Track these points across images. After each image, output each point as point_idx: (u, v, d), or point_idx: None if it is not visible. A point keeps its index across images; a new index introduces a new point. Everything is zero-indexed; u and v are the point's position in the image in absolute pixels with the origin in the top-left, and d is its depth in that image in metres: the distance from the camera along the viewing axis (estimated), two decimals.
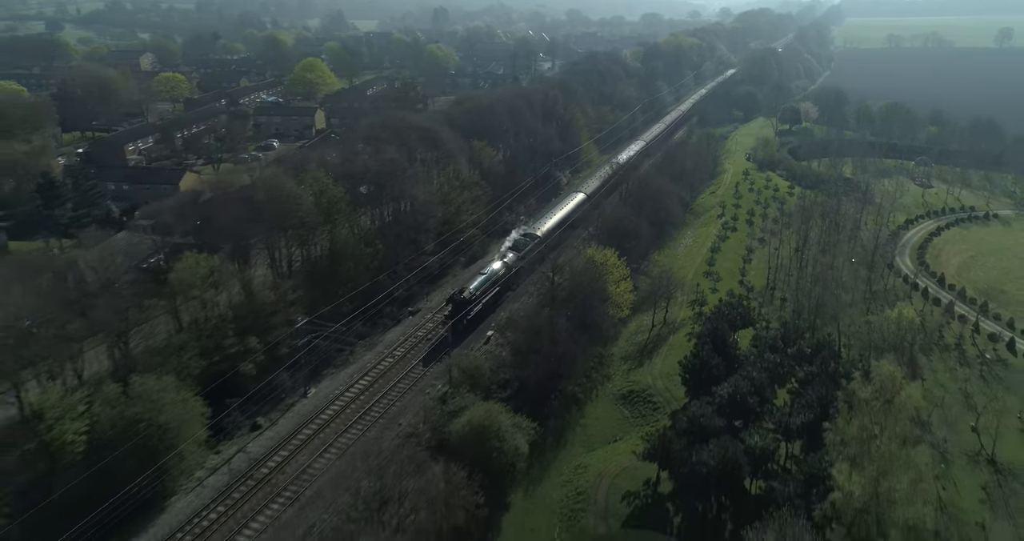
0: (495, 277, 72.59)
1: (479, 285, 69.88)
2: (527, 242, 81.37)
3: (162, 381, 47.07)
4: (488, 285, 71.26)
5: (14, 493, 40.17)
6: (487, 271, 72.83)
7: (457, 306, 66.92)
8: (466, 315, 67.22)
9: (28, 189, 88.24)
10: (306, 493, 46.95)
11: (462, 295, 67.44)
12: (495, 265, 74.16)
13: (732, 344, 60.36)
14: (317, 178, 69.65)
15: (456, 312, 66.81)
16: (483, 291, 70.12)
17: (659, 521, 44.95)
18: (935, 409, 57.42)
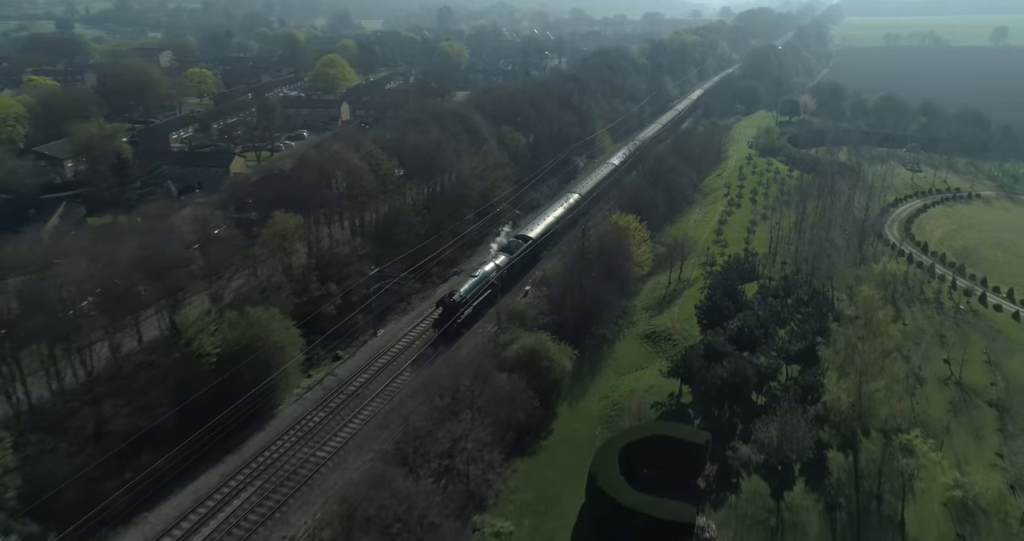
0: (486, 279, 72.36)
1: (470, 288, 69.68)
2: (520, 244, 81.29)
3: (269, 311, 57.48)
4: (480, 288, 71.08)
5: (166, 390, 50.45)
6: (478, 273, 72.57)
7: (447, 309, 66.51)
8: (457, 319, 66.91)
9: (103, 168, 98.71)
10: (392, 402, 57.39)
11: (452, 298, 66.98)
12: (486, 267, 73.81)
13: (740, 292, 70.95)
14: (373, 154, 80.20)
15: (446, 316, 66.43)
16: (474, 294, 69.93)
17: (682, 422, 55.34)
18: (913, 346, 68.02)
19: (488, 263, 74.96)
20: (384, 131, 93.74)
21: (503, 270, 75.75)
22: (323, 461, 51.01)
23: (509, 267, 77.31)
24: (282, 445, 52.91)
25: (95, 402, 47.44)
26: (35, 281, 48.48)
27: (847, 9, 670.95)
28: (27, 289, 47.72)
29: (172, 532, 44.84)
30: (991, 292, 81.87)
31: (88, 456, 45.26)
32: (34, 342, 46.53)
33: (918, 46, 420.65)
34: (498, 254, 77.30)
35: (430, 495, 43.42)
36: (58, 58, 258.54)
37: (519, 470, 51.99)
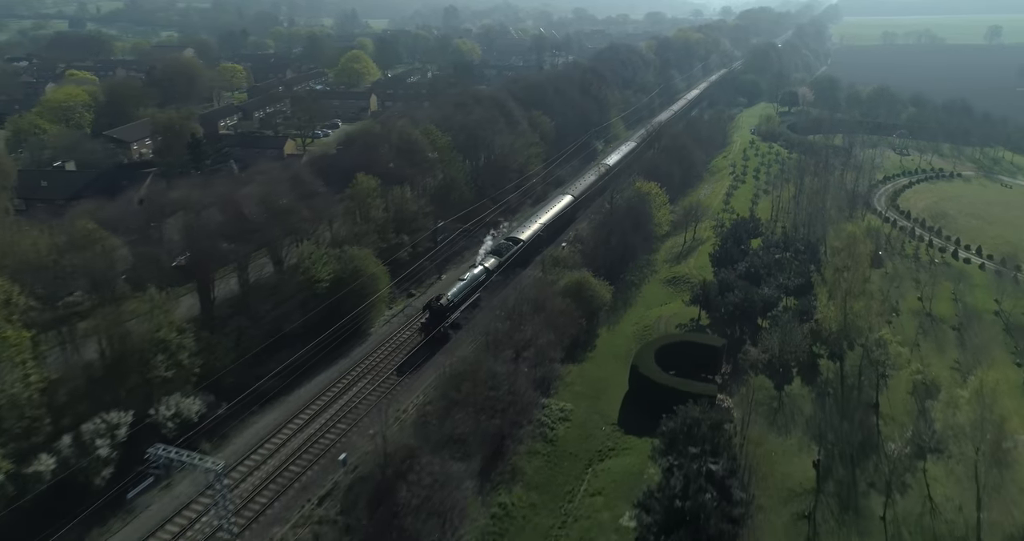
0: (475, 283, 71.65)
1: (458, 291, 69.14)
2: (510, 246, 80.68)
3: (363, 251, 71.34)
4: (468, 291, 70.63)
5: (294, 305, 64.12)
6: (467, 277, 71.99)
7: (435, 314, 65.93)
8: (444, 324, 66.72)
9: (180, 147, 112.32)
10: (471, 318, 71.04)
11: (439, 302, 66.51)
12: (475, 270, 73.13)
13: (746, 244, 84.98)
14: (430, 130, 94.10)
15: (433, 320, 65.91)
16: (462, 298, 69.50)
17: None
18: (892, 288, 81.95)
19: (477, 266, 73.94)
20: (436, 110, 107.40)
21: (493, 273, 74.70)
22: (419, 363, 64.72)
23: (499, 270, 76.31)
24: (383, 352, 66.68)
25: (246, 310, 61.24)
26: (196, 221, 62.26)
27: (845, 9, 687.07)
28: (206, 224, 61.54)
29: (310, 407, 58.51)
30: (962, 249, 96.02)
31: (242, 350, 59.02)
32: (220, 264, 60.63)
33: (914, 44, 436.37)
34: (487, 257, 76.54)
35: (512, 376, 57.08)
36: (84, 55, 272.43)
37: (572, 371, 65.89)
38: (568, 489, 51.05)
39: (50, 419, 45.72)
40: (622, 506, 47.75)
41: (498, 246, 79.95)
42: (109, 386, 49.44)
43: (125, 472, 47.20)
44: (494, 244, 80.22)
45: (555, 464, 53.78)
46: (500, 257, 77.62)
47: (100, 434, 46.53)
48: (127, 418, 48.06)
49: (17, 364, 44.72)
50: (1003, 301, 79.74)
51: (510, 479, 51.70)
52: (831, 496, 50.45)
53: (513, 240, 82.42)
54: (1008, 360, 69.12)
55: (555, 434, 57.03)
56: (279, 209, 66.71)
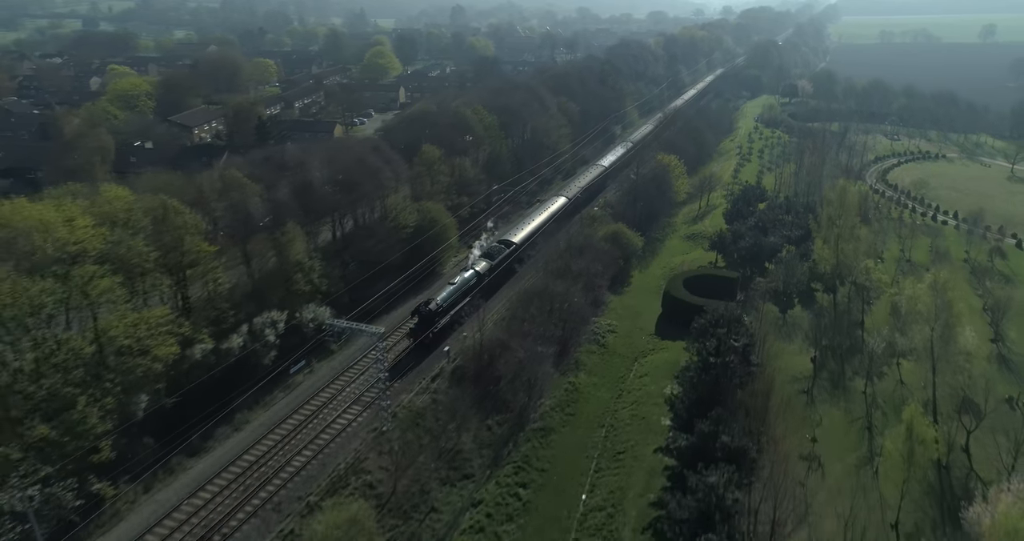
0: (466, 287, 70.52)
1: (448, 296, 68.18)
2: (502, 249, 79.87)
3: (437, 205, 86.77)
4: (458, 295, 69.64)
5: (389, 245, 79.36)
6: (457, 280, 71.06)
7: (423, 319, 64.88)
8: (433, 329, 65.75)
9: (247, 128, 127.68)
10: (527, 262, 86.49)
11: (428, 307, 65.32)
12: (466, 274, 72.16)
13: (754, 206, 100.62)
14: (479, 110, 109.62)
15: (422, 325, 64.89)
16: (452, 302, 68.48)
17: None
18: (877, 239, 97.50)
19: (468, 270, 72.70)
20: (477, 95, 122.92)
21: (484, 277, 73.96)
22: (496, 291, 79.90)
23: (491, 274, 75.79)
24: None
25: (351, 247, 76.67)
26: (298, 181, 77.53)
27: (844, 8, 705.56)
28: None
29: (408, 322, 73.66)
30: (940, 214, 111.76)
31: (352, 276, 74.24)
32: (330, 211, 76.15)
33: (910, 43, 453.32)
34: (479, 260, 75.59)
35: (570, 295, 72.49)
36: (112, 52, 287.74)
37: (613, 300, 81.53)
38: (620, 375, 66.61)
39: (232, 313, 60.99)
40: (664, 382, 63.27)
41: (490, 249, 78.62)
42: (266, 295, 64.71)
43: (284, 357, 62.39)
44: (486, 247, 78.81)
45: (608, 360, 69.36)
46: (492, 260, 76.41)
47: (266, 326, 61.80)
48: (283, 317, 63.38)
49: (209, 270, 60.01)
50: (971, 251, 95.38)
51: (575, 368, 67.22)
52: (824, 380, 65.93)
53: (506, 243, 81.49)
54: (967, 284, 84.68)
55: (606, 341, 72.62)
56: (371, 169, 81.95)
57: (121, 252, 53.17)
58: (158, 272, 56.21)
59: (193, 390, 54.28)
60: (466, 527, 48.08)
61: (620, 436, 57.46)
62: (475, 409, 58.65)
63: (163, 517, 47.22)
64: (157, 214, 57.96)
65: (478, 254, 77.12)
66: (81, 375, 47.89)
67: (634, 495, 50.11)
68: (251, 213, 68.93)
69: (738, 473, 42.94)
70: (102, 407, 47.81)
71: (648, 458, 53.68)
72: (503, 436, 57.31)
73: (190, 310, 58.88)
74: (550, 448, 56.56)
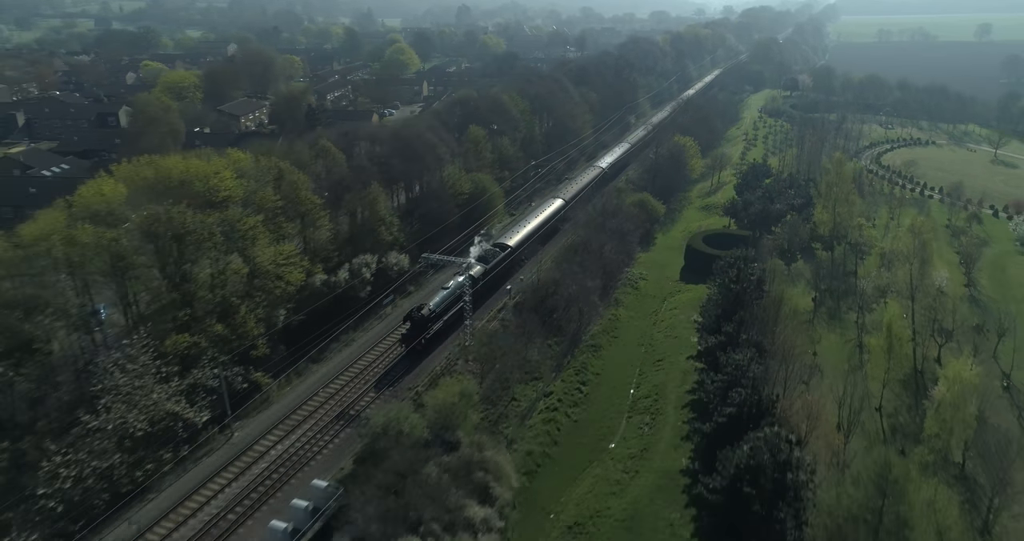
0: (459, 291, 70.02)
1: (441, 301, 68.29)
2: (497, 253, 79.79)
3: (485, 176, 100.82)
4: (451, 300, 69.57)
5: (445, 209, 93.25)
6: (450, 285, 71.17)
7: (416, 324, 64.68)
8: (425, 335, 65.86)
9: (296, 115, 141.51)
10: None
11: (420, 312, 65.21)
12: (459, 278, 71.64)
13: (761, 180, 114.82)
14: (514, 97, 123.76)
15: (414, 331, 64.68)
16: (445, 307, 68.50)
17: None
18: (870, 209, 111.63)
19: (462, 274, 71.68)
20: (507, 84, 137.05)
21: (478, 281, 73.24)
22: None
23: (485, 278, 75.20)
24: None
25: (418, 208, 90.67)
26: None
27: (843, 8, 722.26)
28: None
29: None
30: (928, 190, 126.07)
31: (419, 233, 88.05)
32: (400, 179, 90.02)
33: (908, 42, 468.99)
34: (473, 264, 74.78)
35: (608, 246, 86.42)
36: (137, 50, 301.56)
37: (641, 256, 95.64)
38: (653, 309, 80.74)
39: (336, 254, 74.87)
40: (691, 312, 77.24)
41: (485, 253, 78.48)
42: (359, 242, 78.59)
43: (375, 293, 76.12)
44: (481, 250, 78.70)
45: (642, 299, 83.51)
46: (487, 264, 76.25)
47: (363, 266, 75.66)
48: (374, 260, 77.26)
49: (318, 218, 73.82)
50: (952, 218, 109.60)
51: (615, 304, 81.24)
52: (823, 314, 79.93)
53: (501, 246, 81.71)
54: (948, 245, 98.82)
55: (638, 285, 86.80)
56: (429, 144, 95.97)
57: (257, 198, 67.11)
58: (283, 217, 70.03)
59: (313, 311, 68.17)
60: (542, 409, 61.94)
61: (658, 350, 71.50)
62: (537, 331, 72.44)
63: (305, 400, 60.97)
64: (274, 172, 71.89)
65: (473, 257, 76.07)
66: (240, 290, 61.82)
67: (673, 387, 64.08)
68: (342, 176, 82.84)
69: (757, 354, 56.88)
70: (255, 316, 61.73)
71: (682, 363, 67.65)
72: (561, 351, 71.27)
73: (308, 249, 72.71)
74: (601, 359, 70.56)
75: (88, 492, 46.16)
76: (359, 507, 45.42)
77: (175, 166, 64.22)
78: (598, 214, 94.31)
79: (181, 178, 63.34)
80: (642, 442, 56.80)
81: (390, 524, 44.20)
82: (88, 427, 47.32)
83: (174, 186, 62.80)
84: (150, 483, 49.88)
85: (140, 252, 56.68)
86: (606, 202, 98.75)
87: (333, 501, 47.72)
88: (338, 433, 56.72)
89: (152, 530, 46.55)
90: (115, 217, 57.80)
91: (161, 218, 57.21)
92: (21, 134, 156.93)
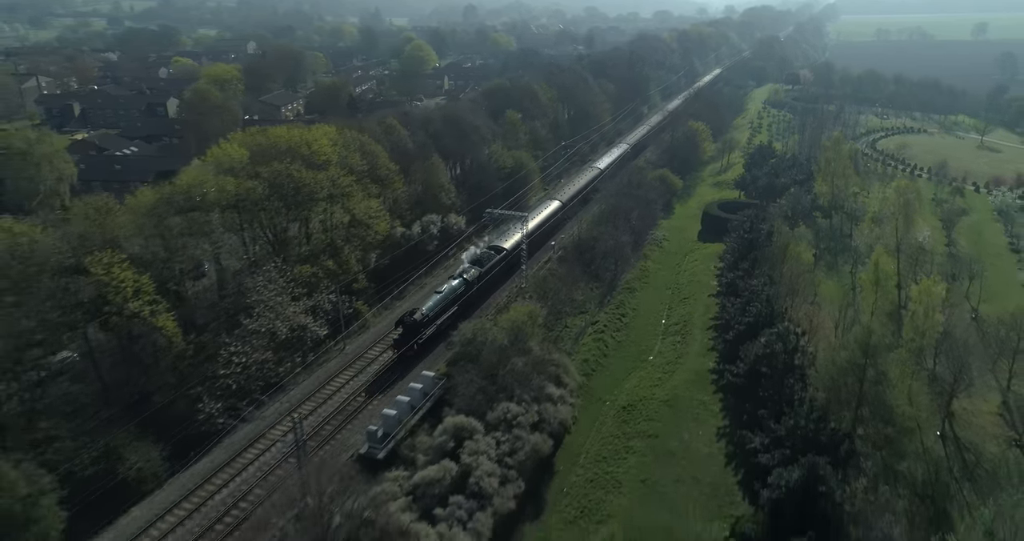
0: (453, 295, 70.36)
1: (434, 305, 67.92)
2: (492, 255, 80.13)
3: (525, 153, 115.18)
4: (445, 304, 69.43)
5: (492, 179, 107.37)
6: (444, 289, 70.75)
7: (408, 329, 64.40)
8: (418, 340, 65.27)
9: (337, 104, 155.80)
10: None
11: (413, 317, 64.95)
12: (453, 282, 72.14)
13: (767, 160, 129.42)
14: (543, 85, 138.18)
15: (406, 336, 64.38)
16: (439, 312, 68.18)
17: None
18: (864, 186, 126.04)
19: (456, 277, 72.62)
20: (533, 76, 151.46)
21: (473, 285, 74.02)
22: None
23: (480, 281, 75.79)
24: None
25: (468, 179, 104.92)
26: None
27: (843, 8, 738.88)
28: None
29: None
30: (917, 170, 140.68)
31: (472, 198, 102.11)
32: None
33: (906, 40, 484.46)
34: (468, 267, 75.57)
35: (635, 211, 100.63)
36: (159, 48, 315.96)
37: (663, 222, 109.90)
38: (677, 262, 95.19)
39: (408, 212, 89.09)
40: (710, 264, 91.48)
41: (479, 255, 78.90)
42: (424, 204, 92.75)
43: (440, 246, 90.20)
44: (476, 253, 79.25)
45: (666, 254, 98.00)
46: (481, 267, 76.53)
47: (430, 223, 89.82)
48: (438, 219, 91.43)
49: (394, 181, 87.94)
50: (938, 192, 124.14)
51: (644, 259, 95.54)
52: (823, 267, 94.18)
53: (496, 249, 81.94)
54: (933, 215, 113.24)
55: (662, 244, 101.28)
56: (474, 125, 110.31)
57: (349, 162, 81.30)
58: (368, 180, 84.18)
59: (395, 258, 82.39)
60: (591, 333, 76.17)
61: (683, 291, 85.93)
62: (580, 277, 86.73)
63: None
64: (357, 143, 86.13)
65: (468, 260, 76.81)
66: (343, 235, 75.98)
67: (698, 316, 78.43)
68: (407, 149, 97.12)
69: (769, 282, 71.12)
70: (355, 256, 75.85)
71: (705, 300, 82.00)
72: (602, 293, 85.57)
73: (387, 208, 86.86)
74: (636, 298, 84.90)
75: (250, 378, 60.21)
76: (461, 388, 59.45)
77: (282, 135, 78.41)
78: (625, 185, 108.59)
79: (287, 144, 77.54)
80: (675, 353, 71.09)
81: (487, 399, 58.18)
82: (248, 328, 61.40)
83: (283, 151, 76.99)
84: (290, 377, 63.99)
85: (269, 199, 70.84)
86: (631, 176, 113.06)
87: (438, 389, 61.82)
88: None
89: (303, 405, 60.62)
90: (244, 172, 71.97)
91: (283, 173, 71.46)
92: (78, 123, 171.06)
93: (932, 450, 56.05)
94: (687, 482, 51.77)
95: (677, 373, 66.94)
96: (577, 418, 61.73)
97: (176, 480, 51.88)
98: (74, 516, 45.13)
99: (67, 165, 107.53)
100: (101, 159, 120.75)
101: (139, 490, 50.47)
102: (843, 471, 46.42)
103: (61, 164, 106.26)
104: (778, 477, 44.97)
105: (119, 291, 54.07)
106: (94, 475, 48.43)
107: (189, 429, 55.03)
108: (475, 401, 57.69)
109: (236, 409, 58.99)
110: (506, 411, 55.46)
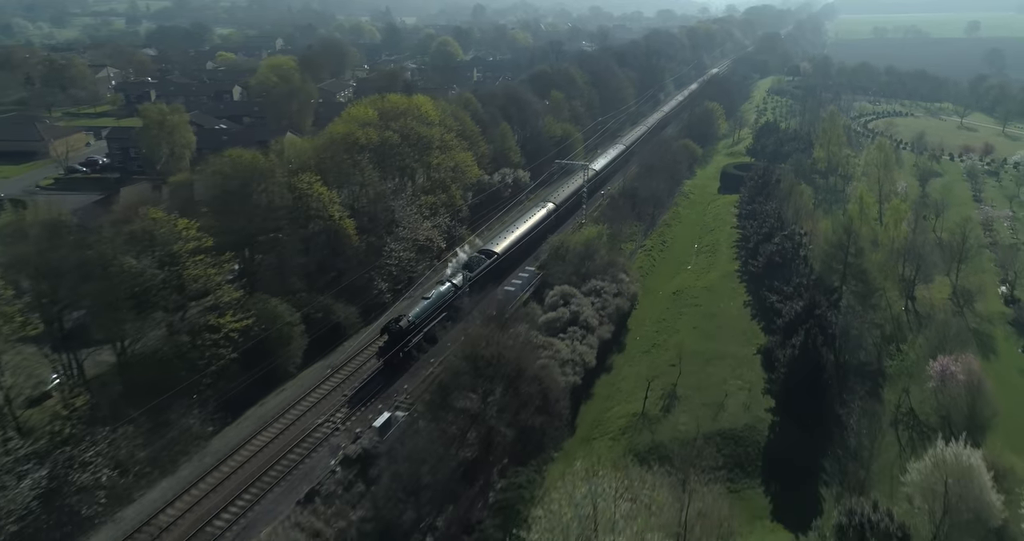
0: (441, 301, 70.18)
1: (420, 312, 67.13)
2: (482, 259, 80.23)
3: (571, 126, 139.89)
4: (432, 311, 68.65)
5: (541, 148, 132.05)
6: (432, 295, 70.21)
7: (393, 337, 63.69)
8: (403, 348, 64.44)
9: (395, 89, 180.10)
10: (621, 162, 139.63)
11: (399, 324, 64.12)
12: (442, 288, 71.79)
13: (774, 133, 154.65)
14: (577, 71, 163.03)
15: (392, 344, 63.66)
16: (426, 318, 67.40)
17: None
18: (856, 151, 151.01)
19: (444, 283, 72.14)
20: (565, 63, 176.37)
21: (462, 290, 73.76)
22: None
23: (469, 285, 75.79)
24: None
25: (527, 145, 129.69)
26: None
27: (841, 7, 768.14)
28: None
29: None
30: (902, 145, 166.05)
31: (530, 160, 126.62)
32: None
33: (902, 38, 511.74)
34: (457, 272, 75.31)
35: (666, 168, 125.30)
36: (191, 44, 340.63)
37: (687, 182, 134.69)
38: (702, 208, 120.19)
39: (489, 165, 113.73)
40: (730, 207, 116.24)
41: (469, 259, 78.94)
42: (499, 160, 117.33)
43: (513, 194, 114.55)
44: (466, 257, 79.25)
45: (692, 204, 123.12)
46: (471, 272, 76.89)
47: (506, 175, 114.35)
48: (511, 172, 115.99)
49: (479, 141, 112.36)
50: (918, 161, 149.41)
51: (675, 205, 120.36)
52: (822, 209, 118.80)
53: (486, 253, 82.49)
54: (913, 177, 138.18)
55: (688, 197, 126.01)
56: (528, 100, 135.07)
57: (446, 123, 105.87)
58: (461, 137, 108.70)
59: (483, 199, 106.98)
60: (639, 252, 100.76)
61: (710, 225, 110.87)
62: (628, 216, 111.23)
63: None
64: (449, 109, 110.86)
65: (457, 265, 77.10)
66: (450, 175, 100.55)
67: (723, 240, 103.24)
68: (481, 117, 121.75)
69: (778, 208, 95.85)
70: (458, 193, 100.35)
71: (728, 231, 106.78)
72: (645, 227, 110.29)
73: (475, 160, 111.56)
74: (672, 231, 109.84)
75: (401, 269, 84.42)
76: (557, 276, 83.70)
77: (398, 101, 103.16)
78: (657, 149, 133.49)
79: (402, 109, 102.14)
80: (708, 262, 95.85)
81: (580, 279, 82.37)
82: (399, 236, 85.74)
83: (401, 112, 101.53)
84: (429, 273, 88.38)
85: (400, 145, 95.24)
86: (660, 144, 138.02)
87: (536, 279, 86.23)
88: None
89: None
90: (375, 127, 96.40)
91: (409, 126, 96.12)
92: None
93: (899, 316, 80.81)
94: (725, 328, 76.24)
95: (711, 273, 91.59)
96: (638, 299, 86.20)
97: (365, 330, 75.78)
98: (309, 345, 68.80)
99: (189, 135, 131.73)
100: (208, 132, 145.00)
101: (346, 333, 74.59)
102: (836, 310, 70.89)
103: (186, 134, 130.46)
104: (788, 309, 69.36)
105: (319, 201, 78.33)
106: (317, 318, 72.61)
107: (368, 300, 79.20)
108: (571, 281, 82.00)
109: (396, 292, 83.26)
110: (595, 285, 79.88)
